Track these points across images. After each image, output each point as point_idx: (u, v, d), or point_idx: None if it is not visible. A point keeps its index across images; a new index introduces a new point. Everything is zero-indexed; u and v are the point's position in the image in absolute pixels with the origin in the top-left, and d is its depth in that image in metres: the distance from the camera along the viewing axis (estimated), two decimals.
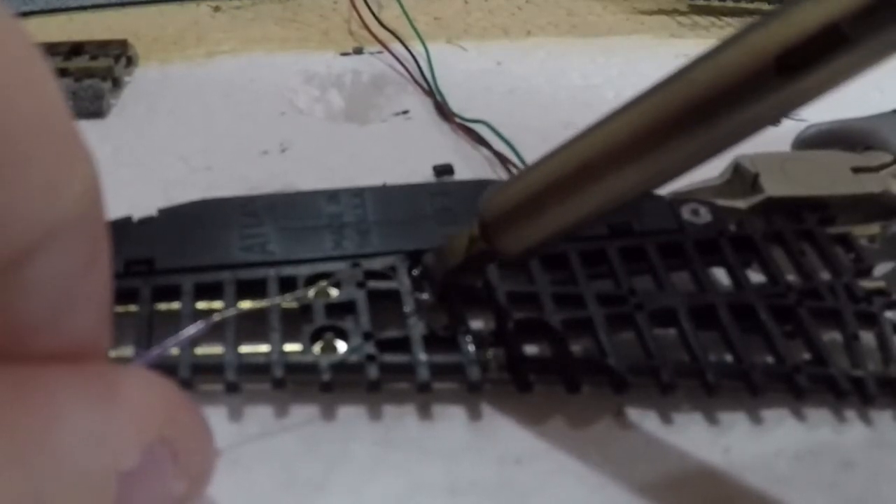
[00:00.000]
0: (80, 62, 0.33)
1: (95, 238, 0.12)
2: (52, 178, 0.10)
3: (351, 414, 0.21)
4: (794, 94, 0.15)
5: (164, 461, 0.12)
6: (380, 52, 0.36)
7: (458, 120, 0.32)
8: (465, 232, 0.21)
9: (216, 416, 0.21)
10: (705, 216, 0.25)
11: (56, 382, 0.11)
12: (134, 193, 0.26)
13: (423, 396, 0.21)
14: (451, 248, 0.21)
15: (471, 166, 0.30)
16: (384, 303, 0.22)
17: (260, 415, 0.21)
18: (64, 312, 0.12)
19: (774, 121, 0.16)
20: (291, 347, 0.21)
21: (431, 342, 0.21)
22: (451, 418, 0.21)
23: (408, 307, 0.22)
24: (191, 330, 0.19)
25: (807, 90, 0.15)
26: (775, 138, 0.24)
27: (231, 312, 0.21)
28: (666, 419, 0.21)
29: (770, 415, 0.22)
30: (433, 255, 0.23)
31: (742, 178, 0.27)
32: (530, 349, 0.22)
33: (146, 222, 0.24)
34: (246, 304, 0.22)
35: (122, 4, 0.40)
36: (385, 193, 0.26)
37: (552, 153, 0.19)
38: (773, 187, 0.26)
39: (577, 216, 0.18)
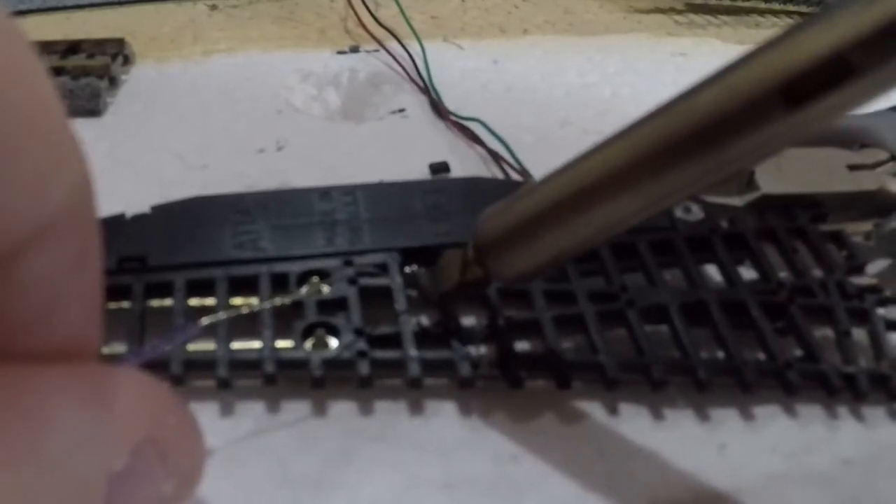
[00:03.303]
0: (77, 60, 0.33)
1: (86, 234, 0.12)
2: (42, 173, 0.11)
3: (343, 410, 0.21)
4: (800, 124, 0.15)
5: (153, 462, 0.12)
6: (376, 51, 0.36)
7: (452, 118, 0.32)
8: (457, 253, 0.21)
9: (208, 413, 0.21)
10: (697, 213, 0.25)
11: (45, 384, 0.11)
12: (130, 192, 0.26)
13: (415, 393, 0.21)
14: (445, 270, 0.21)
15: (466, 164, 0.30)
16: (376, 299, 0.22)
17: (252, 411, 0.21)
18: (54, 310, 0.12)
19: (779, 149, 0.16)
20: (283, 344, 0.21)
21: (423, 338, 0.21)
22: (444, 415, 0.21)
23: (399, 304, 0.22)
24: (182, 335, 0.20)
25: (812, 120, 0.15)
26: None
27: (221, 317, 0.21)
28: (658, 416, 0.21)
29: (762, 411, 0.22)
30: (427, 276, 0.22)
31: (738, 176, 0.27)
32: (522, 346, 0.22)
33: (139, 219, 0.24)
34: (238, 301, 0.22)
35: (119, 3, 0.40)
36: (377, 191, 0.26)
37: (549, 177, 0.19)
38: (769, 184, 0.26)
39: (574, 242, 0.18)
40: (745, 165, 0.16)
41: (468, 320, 0.23)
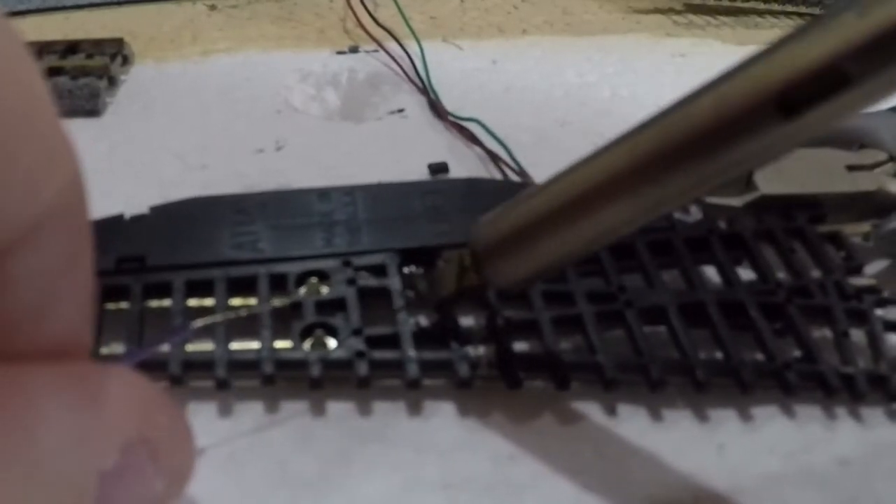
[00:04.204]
0: (76, 60, 0.33)
1: (78, 234, 0.12)
2: (34, 172, 0.11)
3: (341, 410, 0.21)
4: (795, 133, 0.15)
5: (144, 461, 0.12)
6: (375, 51, 0.36)
7: (451, 118, 0.32)
8: (454, 259, 0.21)
9: (207, 413, 0.21)
10: (695, 214, 0.25)
11: (36, 383, 0.11)
12: (130, 192, 0.26)
13: (413, 393, 0.21)
14: (442, 277, 0.21)
15: (465, 165, 0.30)
16: (374, 300, 0.22)
17: (250, 411, 0.21)
18: (45, 310, 0.12)
19: (775, 157, 0.16)
20: (281, 344, 0.21)
21: (421, 339, 0.21)
22: (442, 415, 0.21)
23: (398, 304, 0.22)
24: (176, 337, 0.20)
25: (807, 129, 0.15)
26: None
27: (215, 319, 0.21)
28: (656, 416, 0.21)
29: (760, 412, 0.22)
30: (425, 282, 0.23)
31: (736, 176, 0.27)
32: (520, 346, 0.22)
33: (138, 220, 0.24)
34: (237, 302, 0.22)
35: (119, 3, 0.40)
36: (376, 191, 0.26)
37: (545, 184, 0.19)
38: (768, 185, 0.26)
39: (571, 249, 0.18)
40: (742, 172, 0.17)
41: (467, 321, 0.23)
